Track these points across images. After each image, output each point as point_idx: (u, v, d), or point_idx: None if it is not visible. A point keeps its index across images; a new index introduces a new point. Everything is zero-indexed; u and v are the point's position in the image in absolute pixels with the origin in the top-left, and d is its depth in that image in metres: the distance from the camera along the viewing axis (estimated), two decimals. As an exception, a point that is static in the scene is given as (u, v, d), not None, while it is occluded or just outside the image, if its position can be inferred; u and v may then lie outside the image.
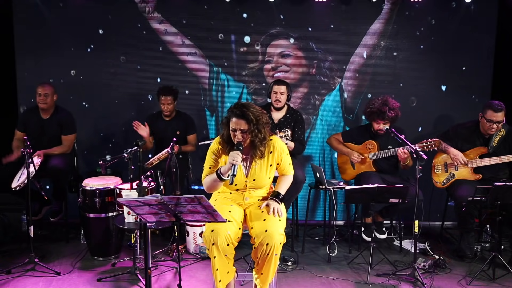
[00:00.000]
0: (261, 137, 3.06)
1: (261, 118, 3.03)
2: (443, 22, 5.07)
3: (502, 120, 4.13)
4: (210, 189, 3.18)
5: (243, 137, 3.02)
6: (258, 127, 3.02)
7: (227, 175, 3.00)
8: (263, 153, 3.12)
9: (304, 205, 4.87)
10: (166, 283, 3.75)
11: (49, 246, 4.44)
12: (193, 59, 5.18)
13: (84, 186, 4.13)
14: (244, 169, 3.19)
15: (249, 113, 2.99)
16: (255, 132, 3.01)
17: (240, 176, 3.16)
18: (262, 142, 3.08)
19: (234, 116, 3.02)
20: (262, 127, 3.04)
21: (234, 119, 3.02)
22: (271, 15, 5.09)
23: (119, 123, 5.25)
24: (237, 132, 3.02)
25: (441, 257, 4.10)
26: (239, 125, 3.00)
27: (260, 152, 3.10)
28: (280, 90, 4.44)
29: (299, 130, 4.50)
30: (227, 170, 2.99)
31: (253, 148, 3.12)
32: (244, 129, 3.01)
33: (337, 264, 4.17)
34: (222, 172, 3.02)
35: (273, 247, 2.95)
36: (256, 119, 3.00)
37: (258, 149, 3.09)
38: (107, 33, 5.12)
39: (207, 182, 3.15)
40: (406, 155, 4.22)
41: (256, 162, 3.16)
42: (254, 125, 3.00)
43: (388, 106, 4.33)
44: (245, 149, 3.13)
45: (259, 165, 3.17)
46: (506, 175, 4.32)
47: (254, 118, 2.99)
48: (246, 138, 3.04)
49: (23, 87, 5.13)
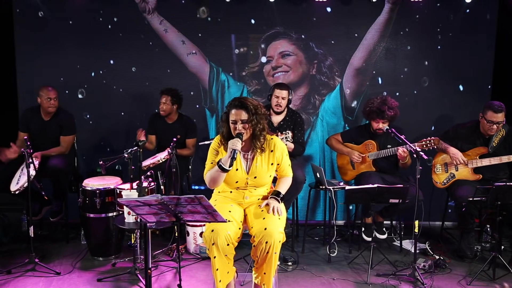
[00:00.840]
0: (261, 128, 3.11)
1: (259, 108, 3.11)
2: (443, 22, 5.07)
3: (502, 121, 4.13)
4: (212, 182, 3.15)
5: (244, 128, 3.06)
6: (257, 117, 3.08)
7: (228, 164, 3.00)
8: (263, 145, 3.15)
9: (304, 205, 4.87)
10: (166, 283, 3.75)
11: (49, 246, 4.45)
12: (193, 59, 5.18)
13: (84, 186, 4.13)
14: (245, 166, 3.20)
15: (248, 103, 3.07)
16: (254, 121, 3.07)
17: (241, 173, 3.17)
18: (262, 133, 3.12)
19: (233, 108, 3.08)
20: (260, 118, 3.10)
21: (233, 110, 3.07)
22: (271, 15, 5.09)
23: (119, 123, 5.25)
24: (237, 124, 3.06)
25: (441, 257, 4.11)
26: (239, 116, 3.05)
27: (260, 143, 3.13)
28: (282, 95, 4.41)
29: (298, 133, 4.49)
30: (228, 158, 3.01)
31: (253, 140, 3.14)
32: (244, 119, 3.05)
33: (337, 264, 4.17)
34: (223, 162, 3.04)
35: (272, 245, 2.95)
36: (255, 109, 3.07)
37: (258, 140, 3.12)
38: (107, 33, 5.11)
39: (209, 175, 3.14)
40: (406, 154, 4.23)
41: (257, 160, 3.18)
42: (253, 114, 3.06)
43: (387, 105, 4.33)
44: (246, 144, 3.16)
45: (260, 162, 3.18)
46: (506, 175, 4.32)
47: (253, 107, 3.07)
48: (247, 128, 3.07)
49: (24, 87, 5.13)
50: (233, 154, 2.98)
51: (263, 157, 3.19)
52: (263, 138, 3.14)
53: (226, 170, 3.02)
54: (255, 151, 3.18)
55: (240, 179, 3.19)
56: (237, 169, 3.17)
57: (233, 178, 3.18)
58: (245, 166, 3.20)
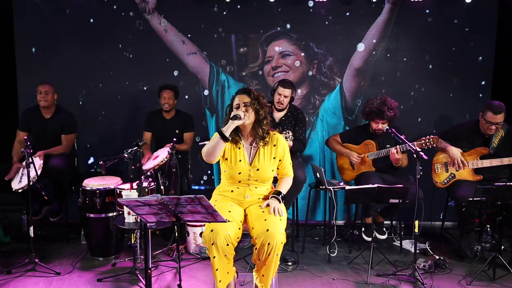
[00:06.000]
0: (263, 115, 3.20)
1: (260, 98, 3.21)
2: (443, 22, 5.07)
3: (501, 122, 4.13)
4: (210, 152, 3.13)
5: (247, 110, 3.14)
6: (259, 103, 3.18)
7: (228, 132, 3.08)
8: (265, 134, 3.22)
9: (304, 205, 4.87)
10: (166, 283, 3.75)
11: (49, 246, 4.44)
12: (193, 59, 5.18)
13: (84, 186, 4.13)
14: (248, 158, 3.24)
15: (251, 90, 3.24)
16: (257, 104, 3.16)
17: (244, 164, 3.21)
18: (264, 120, 3.20)
19: (237, 94, 3.23)
20: (262, 107, 3.19)
21: (237, 96, 3.21)
22: (271, 15, 5.09)
23: (119, 123, 5.25)
24: (240, 107, 3.16)
25: (441, 257, 4.10)
26: (242, 99, 3.17)
27: (262, 131, 3.20)
28: (285, 94, 4.38)
29: (299, 129, 4.48)
30: (228, 127, 3.08)
31: (256, 127, 3.20)
32: (247, 102, 3.15)
33: (337, 264, 4.17)
34: (224, 129, 3.09)
35: (274, 246, 2.95)
36: (257, 97, 3.20)
37: (261, 127, 3.20)
38: (107, 33, 5.11)
39: (207, 145, 3.15)
40: (398, 156, 4.24)
41: (260, 152, 3.23)
42: (255, 99, 3.17)
43: (387, 105, 4.33)
44: (249, 135, 3.25)
45: (263, 155, 3.23)
46: (506, 175, 4.32)
47: (255, 94, 3.21)
48: (249, 111, 3.14)
49: (24, 87, 5.13)
50: (234, 118, 3.08)
51: (266, 150, 3.24)
52: (266, 125, 3.22)
53: (226, 138, 3.08)
54: (258, 144, 3.23)
55: (243, 171, 3.21)
56: (240, 160, 3.20)
57: (236, 170, 3.21)
58: (248, 157, 3.24)
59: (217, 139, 3.08)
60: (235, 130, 3.19)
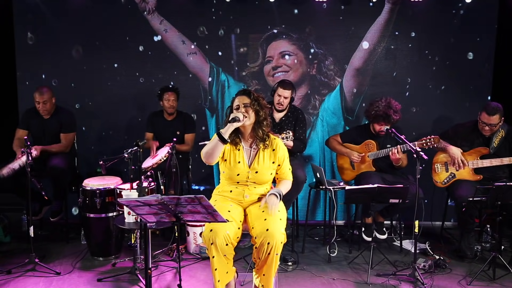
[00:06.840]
0: (263, 116, 3.20)
1: (260, 99, 3.22)
2: (443, 22, 5.07)
3: (494, 123, 4.13)
4: (209, 154, 3.12)
5: (247, 111, 3.14)
6: (259, 104, 3.18)
7: (227, 135, 3.07)
8: (265, 136, 3.21)
9: (304, 205, 4.87)
10: (166, 283, 3.75)
11: (49, 246, 4.44)
12: (193, 59, 5.18)
13: (84, 186, 4.13)
14: (248, 160, 3.24)
15: (250, 92, 3.24)
16: (256, 106, 3.16)
17: (243, 166, 3.21)
18: (264, 122, 3.20)
19: (236, 96, 3.23)
20: (262, 108, 3.20)
21: (237, 98, 3.22)
22: (271, 15, 5.09)
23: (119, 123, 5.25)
24: (240, 108, 3.16)
25: (441, 257, 4.10)
26: (242, 100, 3.18)
27: (262, 132, 3.20)
28: (285, 95, 4.37)
29: (300, 129, 4.48)
30: (227, 129, 3.08)
31: (256, 129, 3.20)
32: (247, 103, 3.15)
33: (337, 264, 4.17)
34: (223, 131, 3.08)
35: (274, 246, 2.95)
36: (257, 98, 3.21)
37: (261, 129, 3.19)
38: (108, 33, 5.11)
39: (206, 146, 3.14)
40: (399, 156, 4.23)
41: (259, 155, 3.22)
42: (255, 100, 3.18)
43: (393, 109, 4.34)
44: (249, 137, 3.25)
45: (262, 158, 3.22)
46: (505, 174, 4.32)
47: (255, 96, 3.22)
48: (249, 112, 3.14)
49: (24, 87, 5.12)
50: (233, 121, 3.08)
51: (265, 153, 3.23)
52: (266, 126, 3.22)
53: (225, 140, 3.07)
54: (258, 146, 3.22)
55: (241, 172, 3.21)
56: (239, 162, 3.20)
57: (235, 171, 3.21)
58: (247, 159, 3.24)
59: (216, 141, 3.08)
60: (235, 132, 3.19)
